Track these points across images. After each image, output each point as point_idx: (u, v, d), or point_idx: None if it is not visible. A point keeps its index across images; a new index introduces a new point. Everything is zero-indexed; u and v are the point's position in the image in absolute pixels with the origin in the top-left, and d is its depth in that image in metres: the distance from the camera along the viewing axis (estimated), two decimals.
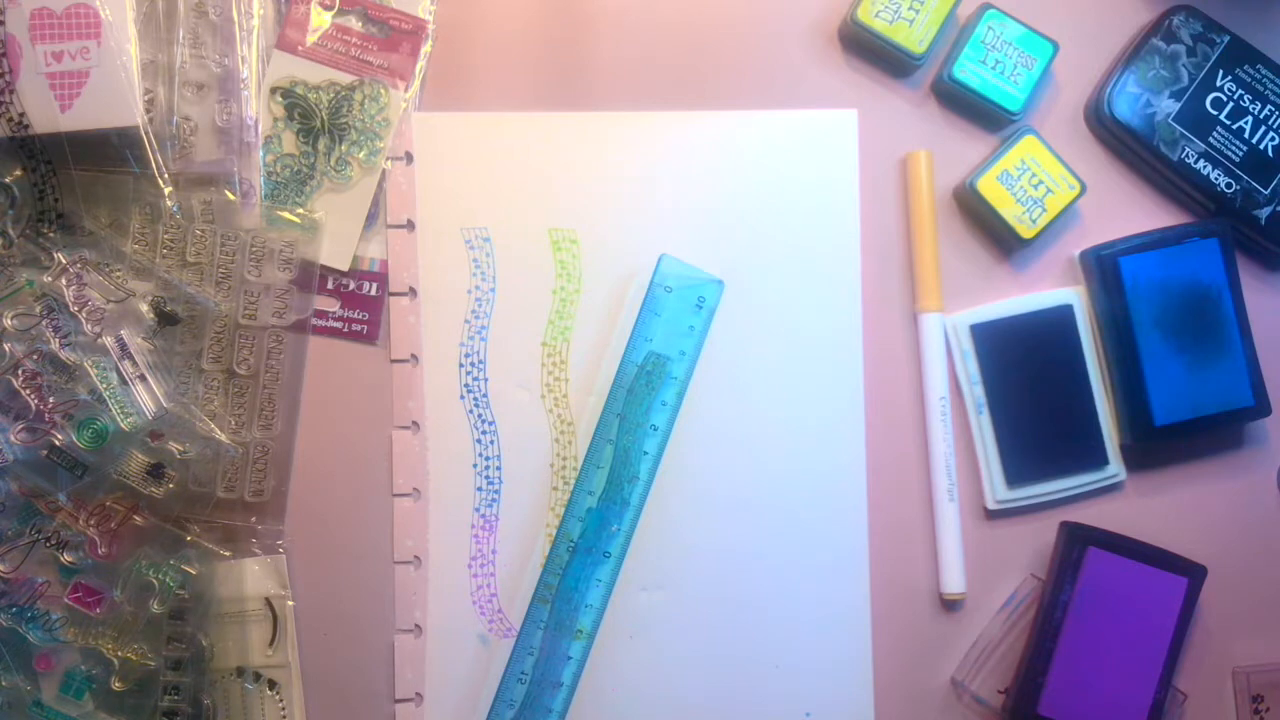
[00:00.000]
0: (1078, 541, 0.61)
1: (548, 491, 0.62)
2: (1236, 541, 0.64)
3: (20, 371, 0.57)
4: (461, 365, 0.62)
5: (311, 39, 0.62)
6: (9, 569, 0.58)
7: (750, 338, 0.63)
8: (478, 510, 0.62)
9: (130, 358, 0.58)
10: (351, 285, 0.62)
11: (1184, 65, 0.63)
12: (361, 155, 0.62)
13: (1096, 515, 0.63)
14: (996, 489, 0.63)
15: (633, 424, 0.61)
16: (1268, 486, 0.65)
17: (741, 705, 0.62)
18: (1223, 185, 0.62)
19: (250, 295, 0.61)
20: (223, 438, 0.60)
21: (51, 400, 0.58)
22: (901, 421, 0.63)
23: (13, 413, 0.57)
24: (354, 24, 0.62)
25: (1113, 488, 0.64)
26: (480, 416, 0.62)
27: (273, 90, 0.61)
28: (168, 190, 0.60)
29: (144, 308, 0.59)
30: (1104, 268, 0.62)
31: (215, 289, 0.60)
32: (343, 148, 0.62)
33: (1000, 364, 0.63)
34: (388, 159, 0.62)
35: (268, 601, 0.61)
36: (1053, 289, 0.64)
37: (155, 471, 0.59)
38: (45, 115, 0.57)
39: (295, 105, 0.62)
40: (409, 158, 0.62)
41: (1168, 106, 0.62)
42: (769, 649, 0.62)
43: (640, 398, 0.62)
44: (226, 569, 0.60)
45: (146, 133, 0.59)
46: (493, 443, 0.62)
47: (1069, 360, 0.63)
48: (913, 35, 0.62)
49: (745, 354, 0.63)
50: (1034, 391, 0.63)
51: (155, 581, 0.59)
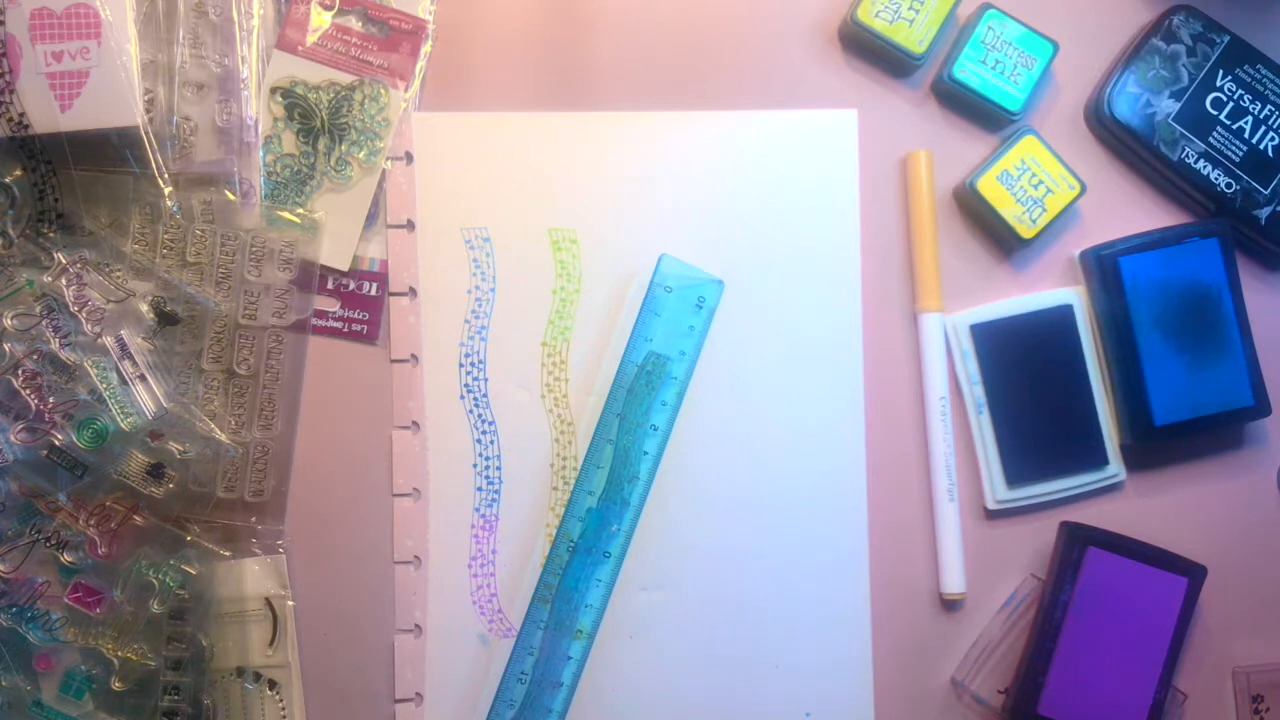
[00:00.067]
0: (1078, 541, 0.61)
1: (548, 491, 0.62)
2: (1236, 541, 0.64)
3: (20, 371, 0.57)
4: (461, 365, 0.62)
5: (311, 39, 0.62)
6: (9, 569, 0.58)
7: (750, 338, 0.63)
8: (478, 510, 0.62)
9: (130, 358, 0.58)
10: (351, 285, 0.62)
11: (1184, 65, 0.62)
12: (361, 155, 0.62)
13: (1096, 515, 0.63)
14: (996, 489, 0.63)
15: (633, 424, 0.61)
16: (1268, 486, 0.65)
17: (741, 705, 0.62)
18: (1223, 185, 0.62)
19: (250, 295, 0.61)
20: (223, 438, 0.60)
21: (51, 400, 0.58)
22: (901, 421, 0.63)
23: (13, 413, 0.57)
24: (354, 24, 0.62)
25: (1113, 488, 0.64)
26: (480, 416, 0.62)
27: (273, 90, 0.61)
28: (168, 190, 0.59)
29: (144, 308, 0.59)
30: (1104, 268, 0.62)
31: (215, 289, 0.60)
32: (343, 148, 0.62)
33: (1000, 364, 0.63)
34: (388, 159, 0.62)
35: (268, 601, 0.61)
36: (1053, 289, 0.64)
37: (155, 471, 0.59)
38: (45, 115, 0.57)
39: (295, 105, 0.62)
40: (409, 158, 0.62)
41: (1168, 106, 0.62)
42: (769, 649, 0.62)
43: (640, 398, 0.61)
44: (226, 569, 0.60)
45: (146, 133, 0.59)
46: (493, 443, 0.62)
47: (1069, 360, 0.63)
48: (913, 35, 0.62)
49: (745, 354, 0.63)
50: (1034, 391, 0.63)
51: (155, 581, 0.59)
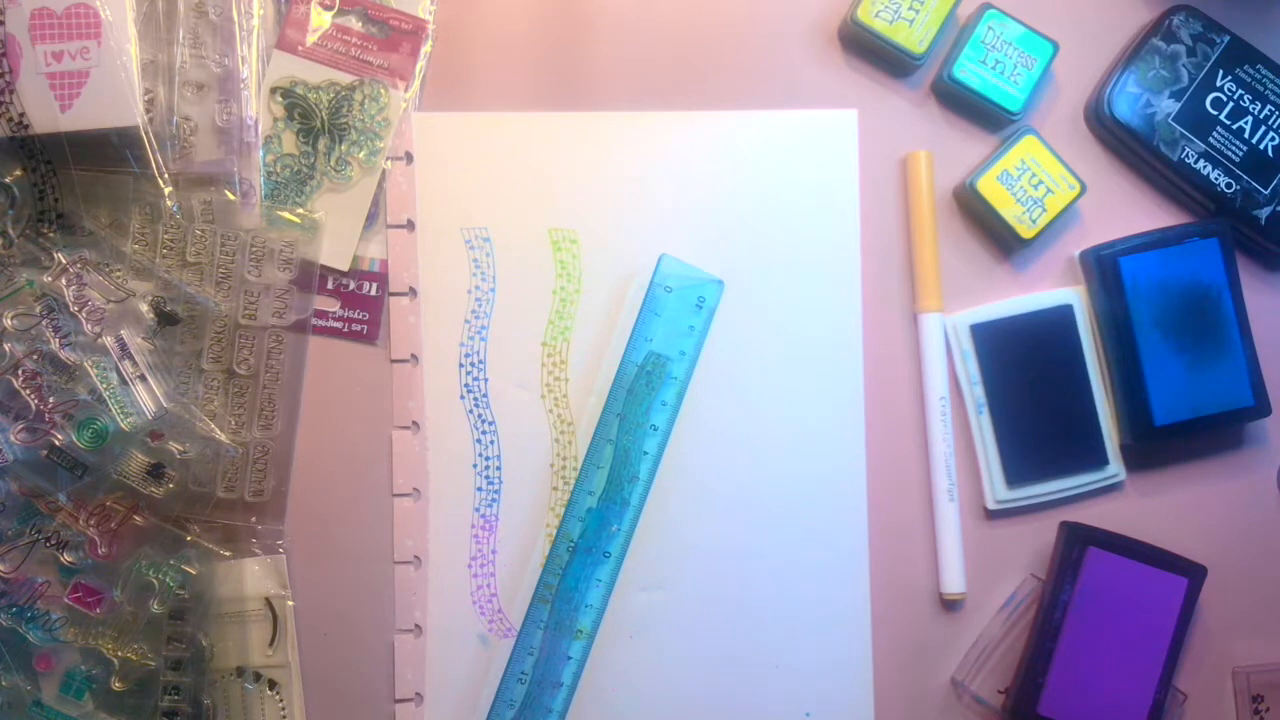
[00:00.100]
0: (1078, 541, 0.61)
1: (548, 491, 0.62)
2: (1236, 541, 0.64)
3: (20, 371, 0.57)
4: (461, 365, 0.62)
5: (311, 39, 0.62)
6: (9, 569, 0.58)
7: (750, 338, 0.63)
8: (478, 510, 0.62)
9: (130, 358, 0.58)
10: (351, 285, 0.62)
11: (1184, 65, 0.62)
12: (361, 155, 0.62)
13: (1096, 515, 0.63)
14: (996, 489, 0.63)
15: (633, 424, 0.61)
16: (1268, 486, 0.65)
17: (741, 705, 0.62)
18: (1223, 185, 0.62)
19: (250, 295, 0.61)
20: (223, 438, 0.60)
21: (51, 400, 0.58)
22: (901, 421, 0.63)
23: (13, 413, 0.57)
24: (354, 24, 0.62)
25: (1113, 488, 0.64)
26: (480, 416, 0.62)
27: (273, 90, 0.61)
28: (168, 190, 0.59)
29: (144, 308, 0.59)
30: (1104, 268, 0.62)
31: (215, 289, 0.60)
32: (343, 148, 0.62)
33: (1000, 364, 0.63)
34: (388, 159, 0.62)
35: (268, 601, 0.61)
36: (1053, 289, 0.64)
37: (155, 471, 0.59)
38: (45, 115, 0.57)
39: (295, 105, 0.62)
40: (409, 158, 0.62)
41: (1168, 106, 0.62)
42: (769, 649, 0.62)
43: (640, 398, 0.61)
44: (226, 569, 0.60)
45: (146, 133, 0.59)
46: (493, 443, 0.62)
47: (1069, 360, 0.63)
48: (913, 35, 0.62)
49: (745, 354, 0.63)
50: (1034, 391, 0.63)
51: (155, 581, 0.59)
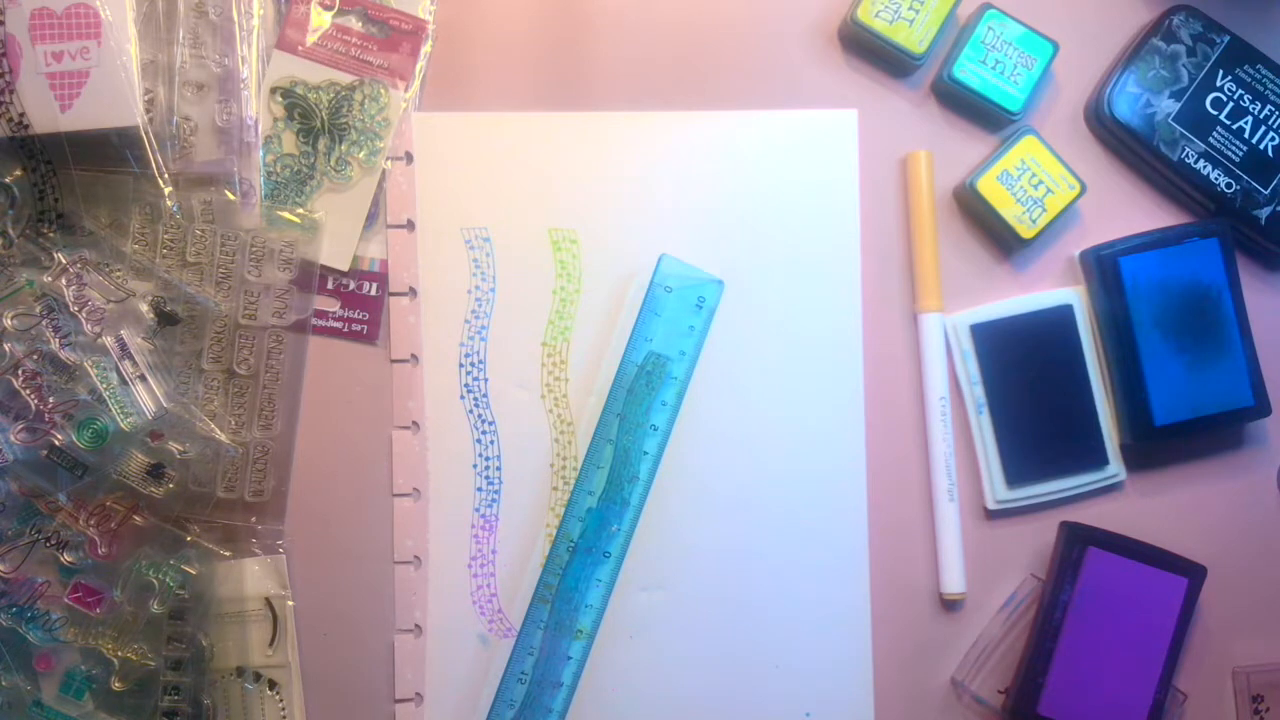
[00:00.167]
0: (1078, 541, 0.61)
1: (548, 491, 0.62)
2: (1236, 541, 0.64)
3: (20, 371, 0.57)
4: (461, 365, 0.62)
5: (311, 39, 0.62)
6: (9, 569, 0.58)
7: (750, 338, 0.63)
8: (478, 510, 0.62)
9: (130, 358, 0.58)
10: (351, 285, 0.62)
11: (1184, 65, 0.62)
12: (361, 155, 0.62)
13: (1096, 515, 0.63)
14: (996, 489, 0.63)
15: (633, 424, 0.61)
16: (1268, 486, 0.65)
17: (741, 705, 0.62)
18: (1223, 185, 0.62)
19: (250, 295, 0.61)
20: (223, 438, 0.60)
21: (51, 400, 0.58)
22: (901, 421, 0.63)
23: (13, 413, 0.57)
24: (354, 24, 0.62)
25: (1113, 488, 0.64)
26: (480, 416, 0.62)
27: (273, 90, 0.61)
28: (168, 190, 0.59)
29: (144, 308, 0.59)
30: (1104, 268, 0.62)
31: (215, 289, 0.60)
32: (343, 148, 0.62)
33: (1000, 364, 0.63)
34: (388, 159, 0.62)
35: (268, 601, 0.61)
36: (1053, 289, 0.64)
37: (155, 471, 0.59)
38: (45, 115, 0.57)
39: (295, 105, 0.62)
40: (409, 158, 0.62)
41: (1168, 106, 0.62)
42: (769, 649, 0.62)
43: (640, 398, 0.61)
44: (226, 569, 0.60)
45: (146, 133, 0.59)
46: (493, 443, 0.62)
47: (1069, 360, 0.63)
48: (913, 35, 0.62)
49: (745, 354, 0.63)
50: (1034, 391, 0.63)
51: (155, 581, 0.59)
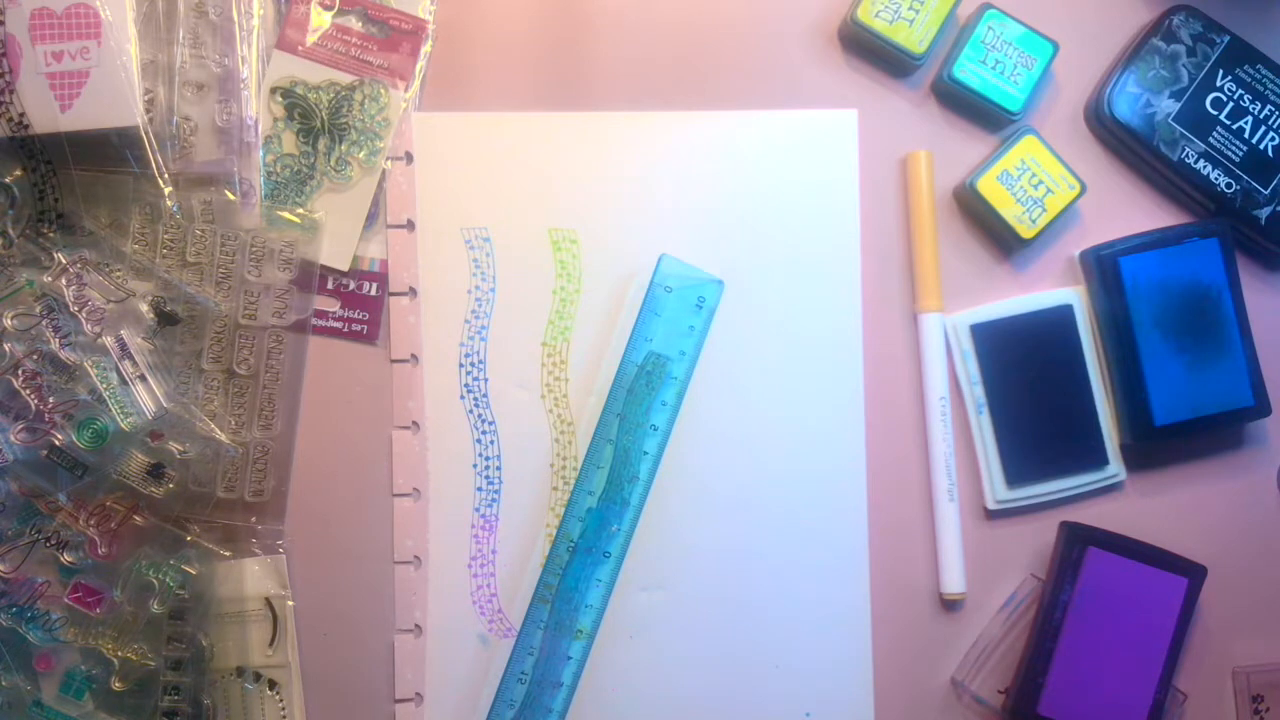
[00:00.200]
0: (1078, 541, 0.61)
1: (548, 491, 0.62)
2: (1236, 541, 0.64)
3: (20, 371, 0.57)
4: (461, 365, 0.62)
5: (311, 39, 0.62)
6: (9, 569, 0.58)
7: (750, 338, 0.63)
8: (478, 510, 0.62)
9: (130, 358, 0.58)
10: (351, 285, 0.62)
11: (1184, 65, 0.62)
12: (361, 155, 0.62)
13: (1096, 515, 0.63)
14: (996, 489, 0.63)
15: (633, 424, 0.61)
16: (1268, 486, 0.65)
17: (741, 705, 0.62)
18: (1223, 185, 0.62)
19: (250, 295, 0.61)
20: (223, 438, 0.60)
21: (51, 400, 0.58)
22: (901, 421, 0.63)
23: (13, 413, 0.57)
24: (354, 24, 0.62)
25: (1113, 488, 0.64)
26: (480, 416, 0.62)
27: (273, 90, 0.61)
28: (168, 190, 0.59)
29: (144, 308, 0.59)
30: (1104, 268, 0.62)
31: (215, 289, 0.60)
32: (343, 148, 0.62)
33: (1000, 364, 0.63)
34: (388, 159, 0.62)
35: (268, 601, 0.61)
36: (1053, 289, 0.64)
37: (155, 471, 0.59)
38: (45, 115, 0.57)
39: (295, 105, 0.62)
40: (409, 158, 0.62)
41: (1168, 106, 0.62)
42: (769, 649, 0.62)
43: (640, 398, 0.61)
44: (226, 569, 0.60)
45: (146, 133, 0.59)
46: (493, 443, 0.62)
47: (1069, 360, 0.63)
48: (913, 35, 0.62)
49: (745, 354, 0.63)
50: (1034, 391, 0.63)
51: (155, 581, 0.59)
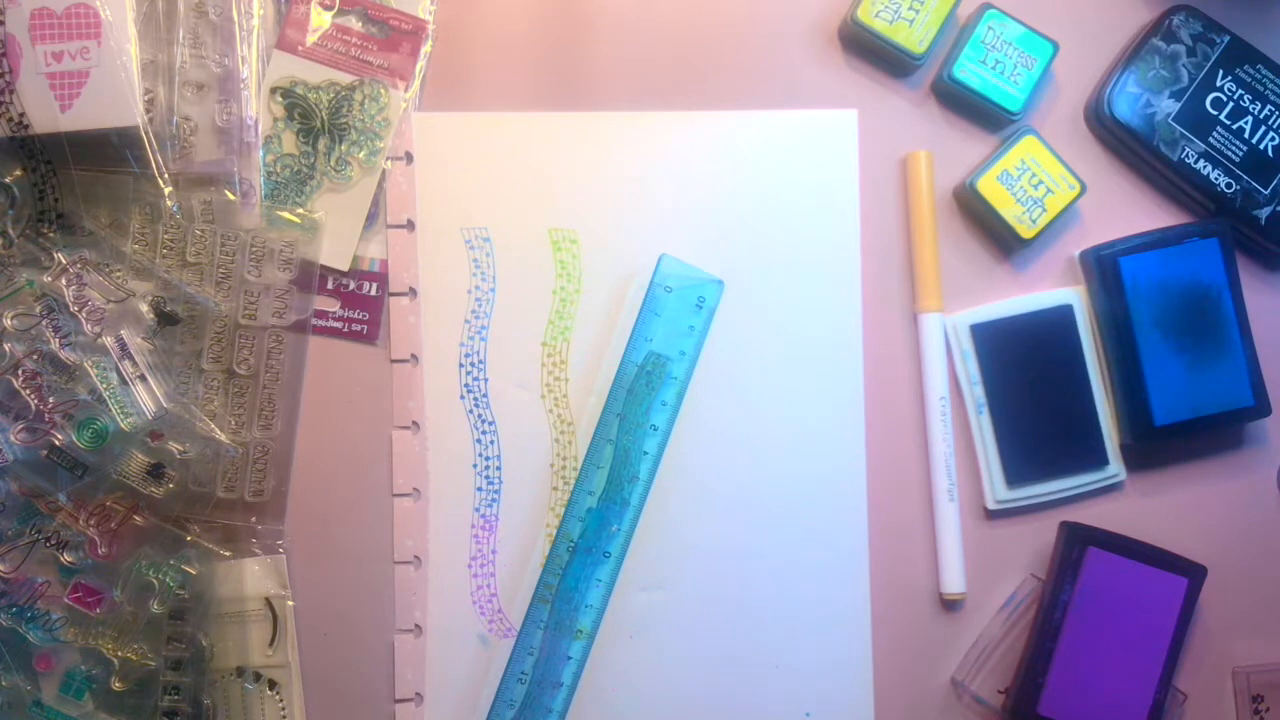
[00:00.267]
0: (1078, 541, 0.61)
1: (548, 491, 0.62)
2: (1236, 541, 0.64)
3: (20, 371, 0.57)
4: (461, 365, 0.62)
5: (311, 39, 0.62)
6: (9, 569, 0.58)
7: (750, 338, 0.63)
8: (478, 510, 0.62)
9: (130, 358, 0.58)
10: (351, 285, 0.62)
11: (1184, 65, 0.62)
12: (361, 155, 0.62)
13: (1096, 515, 0.63)
14: (996, 489, 0.63)
15: (633, 424, 0.61)
16: (1268, 486, 0.65)
17: (741, 705, 0.62)
18: (1223, 185, 0.62)
19: (250, 295, 0.61)
20: (223, 438, 0.60)
21: (51, 400, 0.58)
22: (901, 421, 0.63)
23: (13, 413, 0.57)
24: (354, 24, 0.62)
25: (1113, 488, 0.64)
26: (480, 416, 0.62)
27: (273, 90, 0.61)
28: (168, 190, 0.59)
29: (144, 308, 0.59)
30: (1104, 268, 0.62)
31: (215, 289, 0.60)
32: (343, 148, 0.62)
33: (1000, 364, 0.63)
34: (388, 159, 0.62)
35: (268, 601, 0.61)
36: (1053, 289, 0.64)
37: (155, 471, 0.59)
38: (45, 115, 0.57)
39: (295, 105, 0.62)
40: (409, 158, 0.62)
41: (1168, 106, 0.62)
42: (769, 649, 0.62)
43: (640, 398, 0.61)
44: (226, 569, 0.60)
45: (146, 133, 0.59)
46: (493, 443, 0.62)
47: (1069, 360, 0.63)
48: (913, 35, 0.62)
49: (745, 354, 0.63)
50: (1034, 391, 0.63)
51: (155, 581, 0.59)
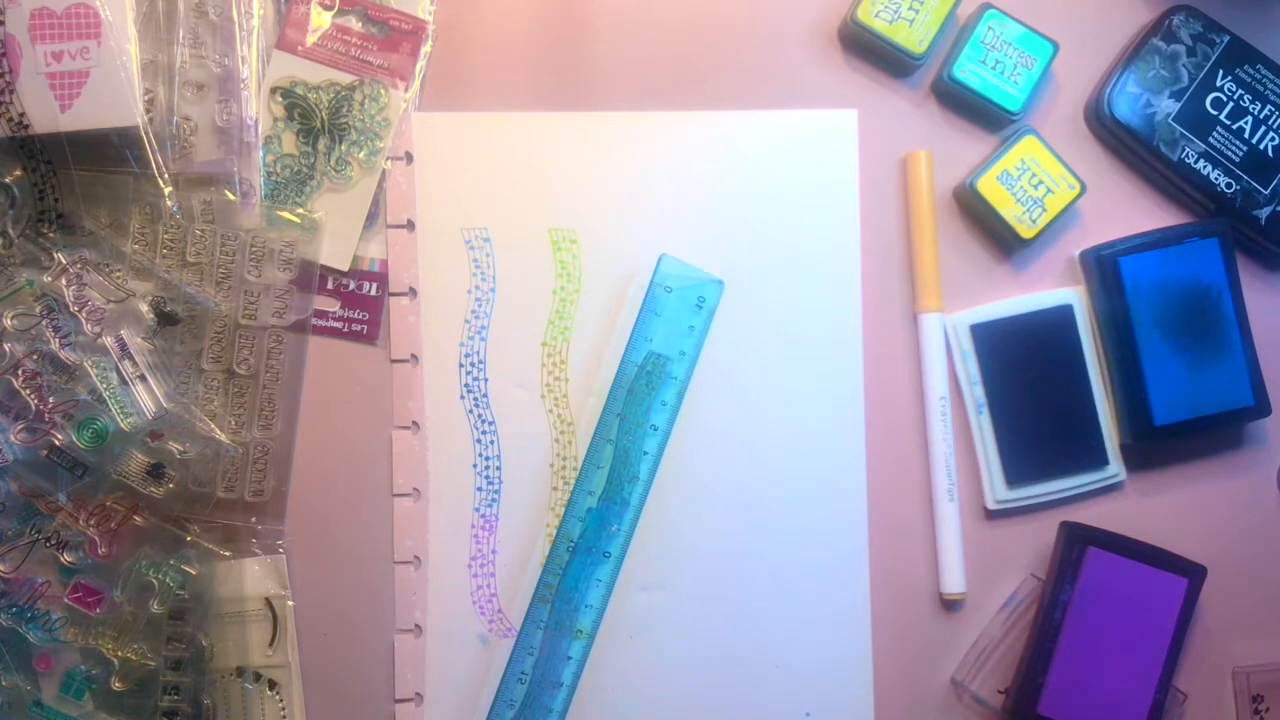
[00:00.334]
0: (1078, 541, 0.61)
1: (548, 491, 0.62)
2: (1236, 541, 0.64)
3: (20, 371, 0.57)
4: (461, 365, 0.62)
5: (311, 39, 0.62)
6: (9, 569, 0.58)
7: (750, 338, 0.63)
8: (478, 510, 0.62)
9: (130, 358, 0.58)
10: (351, 285, 0.62)
11: (1184, 65, 0.62)
12: (361, 155, 0.62)
13: (1096, 515, 0.63)
14: (996, 489, 0.63)
15: (633, 424, 0.61)
16: (1268, 486, 0.65)
17: (741, 705, 0.62)
18: (1223, 185, 0.62)
19: (250, 295, 0.61)
20: (223, 438, 0.60)
21: (51, 400, 0.58)
22: (901, 421, 0.63)
23: (13, 413, 0.57)
24: (354, 24, 0.62)
25: (1113, 488, 0.64)
26: (480, 416, 0.62)
27: (273, 90, 0.61)
28: (168, 190, 0.59)
29: (144, 308, 0.59)
30: (1104, 268, 0.62)
31: (215, 289, 0.60)
32: (343, 148, 0.62)
33: (1000, 364, 0.63)
34: (388, 159, 0.62)
35: (268, 601, 0.61)
36: (1053, 289, 0.64)
37: (155, 471, 0.59)
38: (45, 115, 0.57)
39: (295, 105, 0.62)
40: (409, 158, 0.62)
41: (1168, 106, 0.62)
42: (769, 649, 0.62)
43: (640, 398, 0.61)
44: (226, 569, 0.60)
45: (146, 133, 0.59)
46: (493, 443, 0.62)
47: (1069, 360, 0.63)
48: (913, 35, 0.62)
49: (745, 354, 0.63)
50: (1034, 391, 0.63)
51: (155, 581, 0.59)
